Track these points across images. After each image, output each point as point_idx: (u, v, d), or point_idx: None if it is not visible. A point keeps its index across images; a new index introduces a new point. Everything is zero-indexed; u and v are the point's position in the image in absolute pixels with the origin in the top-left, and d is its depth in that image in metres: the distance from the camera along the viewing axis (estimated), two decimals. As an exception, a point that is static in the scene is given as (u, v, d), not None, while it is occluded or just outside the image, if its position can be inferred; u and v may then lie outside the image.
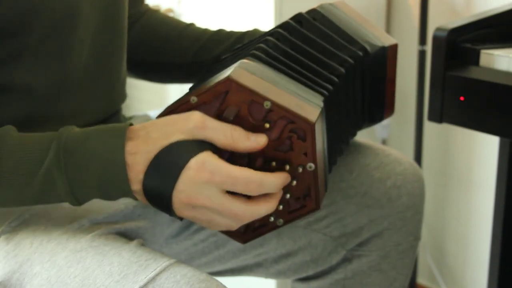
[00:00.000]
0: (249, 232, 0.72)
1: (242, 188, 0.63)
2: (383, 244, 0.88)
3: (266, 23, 1.44)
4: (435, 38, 0.94)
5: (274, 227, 0.71)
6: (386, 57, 0.82)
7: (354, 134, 0.86)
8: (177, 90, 1.69)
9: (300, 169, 0.66)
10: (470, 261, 1.65)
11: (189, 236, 0.90)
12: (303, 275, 0.92)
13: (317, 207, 0.69)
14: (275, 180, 0.64)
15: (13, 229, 0.73)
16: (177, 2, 1.65)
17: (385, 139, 1.70)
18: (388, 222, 0.87)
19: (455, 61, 0.93)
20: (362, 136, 0.92)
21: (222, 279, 0.74)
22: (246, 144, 0.64)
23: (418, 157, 1.59)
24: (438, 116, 0.94)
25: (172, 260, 0.65)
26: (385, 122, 1.65)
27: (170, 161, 0.62)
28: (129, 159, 0.63)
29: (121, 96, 0.88)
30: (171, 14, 1.66)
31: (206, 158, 0.62)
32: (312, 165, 0.66)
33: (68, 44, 0.74)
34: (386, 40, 0.82)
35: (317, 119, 0.64)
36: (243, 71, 0.65)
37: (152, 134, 0.64)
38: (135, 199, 0.66)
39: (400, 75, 1.69)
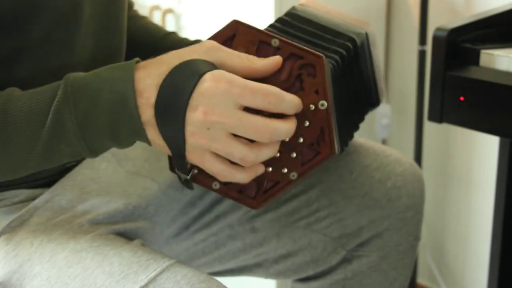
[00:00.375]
0: (260, 195, 0.68)
1: (261, 100, 0.59)
2: (383, 244, 0.88)
3: (266, 23, 1.44)
4: (435, 38, 0.94)
5: (287, 182, 0.67)
6: (369, 42, 0.82)
7: (357, 127, 0.84)
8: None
9: (312, 107, 0.64)
10: (470, 261, 1.65)
11: (189, 236, 0.90)
12: (303, 275, 0.92)
13: (332, 152, 0.66)
14: (292, 98, 0.61)
15: (13, 229, 0.73)
16: (177, 2, 1.65)
17: (385, 139, 1.70)
18: (388, 222, 0.87)
19: (455, 61, 0.94)
20: (362, 136, 0.92)
21: (222, 279, 0.75)
22: (261, 64, 0.61)
23: (418, 157, 1.59)
24: (438, 116, 0.94)
25: (173, 260, 0.65)
26: (385, 122, 1.65)
27: (183, 76, 0.58)
28: (139, 85, 0.59)
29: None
30: (171, 14, 1.66)
31: (222, 71, 0.59)
32: (324, 102, 0.64)
33: (69, 43, 0.74)
34: (365, 26, 0.82)
35: (325, 59, 0.63)
36: (251, 24, 0.65)
37: (164, 58, 0.61)
38: (147, 140, 0.62)
39: (400, 75, 1.69)
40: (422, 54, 1.51)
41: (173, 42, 0.93)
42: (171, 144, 0.60)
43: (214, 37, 0.64)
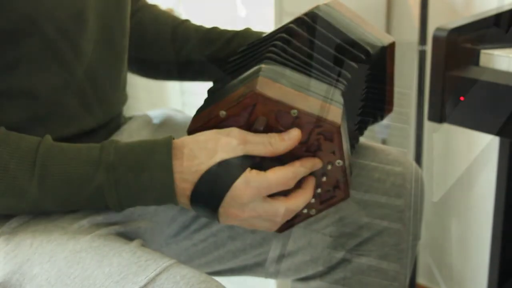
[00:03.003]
0: (283, 222, 0.75)
1: (283, 188, 0.68)
2: (383, 244, 0.88)
3: (266, 23, 1.44)
4: (435, 38, 0.94)
5: (307, 216, 0.76)
6: (386, 56, 0.82)
7: (362, 134, 0.86)
8: (176, 91, 1.69)
9: (330, 167, 0.70)
10: (470, 261, 1.65)
11: (189, 235, 0.90)
12: (303, 275, 0.92)
13: (346, 196, 0.74)
14: (304, 168, 0.69)
15: (12, 230, 0.73)
16: (177, 2, 1.65)
17: (385, 139, 1.69)
18: (387, 222, 0.87)
19: (455, 61, 0.93)
20: (362, 136, 0.92)
21: (222, 279, 0.74)
22: (284, 146, 0.68)
23: (418, 157, 1.59)
24: (438, 116, 0.94)
25: (172, 261, 0.65)
26: (385, 122, 1.64)
27: (217, 181, 0.66)
28: (177, 177, 0.66)
29: (122, 98, 0.88)
30: (171, 14, 1.65)
31: (250, 177, 0.66)
32: (340, 161, 0.69)
33: (71, 51, 0.74)
34: (385, 39, 0.82)
35: (341, 119, 0.67)
36: (267, 81, 0.67)
37: (196, 152, 0.67)
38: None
39: (400, 75, 1.69)
40: (422, 54, 1.51)
41: (189, 32, 0.94)
42: (205, 218, 0.71)
43: (236, 105, 0.67)
